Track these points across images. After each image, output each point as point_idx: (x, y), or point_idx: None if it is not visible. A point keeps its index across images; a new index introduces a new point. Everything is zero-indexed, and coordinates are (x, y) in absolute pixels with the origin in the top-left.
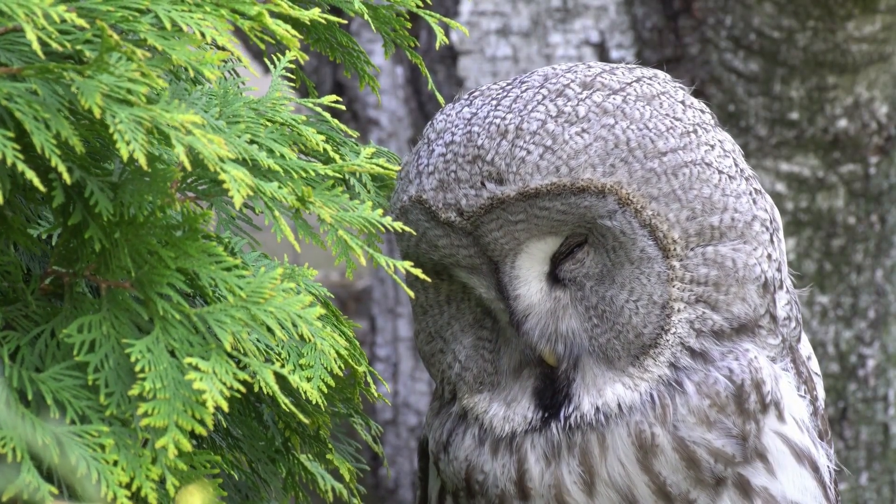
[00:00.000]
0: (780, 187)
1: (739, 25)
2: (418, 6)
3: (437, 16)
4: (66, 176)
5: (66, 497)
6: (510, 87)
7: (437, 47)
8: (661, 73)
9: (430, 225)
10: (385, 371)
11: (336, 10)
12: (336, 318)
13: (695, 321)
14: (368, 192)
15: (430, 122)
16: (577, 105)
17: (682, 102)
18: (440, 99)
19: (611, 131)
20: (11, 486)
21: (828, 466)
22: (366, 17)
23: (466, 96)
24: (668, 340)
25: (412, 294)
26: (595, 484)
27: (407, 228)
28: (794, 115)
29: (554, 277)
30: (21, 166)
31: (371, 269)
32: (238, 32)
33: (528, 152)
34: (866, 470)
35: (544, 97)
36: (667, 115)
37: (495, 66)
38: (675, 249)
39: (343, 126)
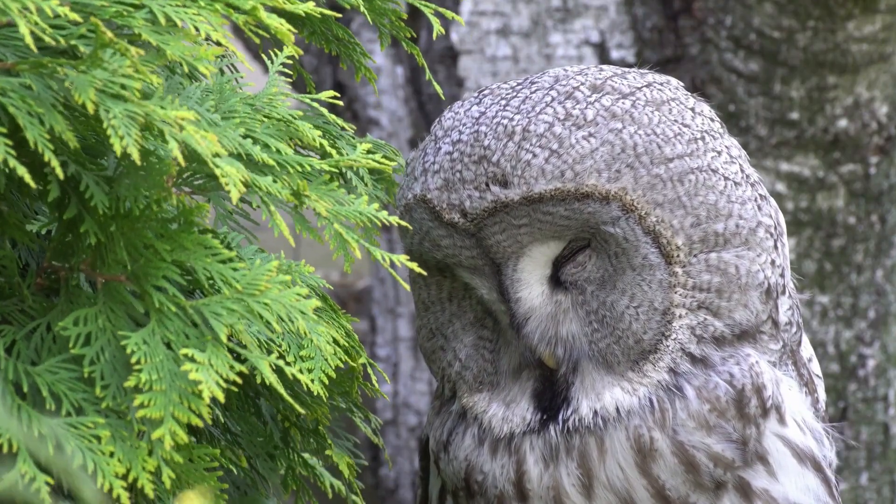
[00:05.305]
0: (780, 187)
1: (739, 25)
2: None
3: (433, 6)
4: (59, 171)
5: (62, 490)
6: (520, 86)
7: (434, 37)
8: (673, 80)
9: (434, 225)
10: (385, 371)
11: (335, 7)
12: (334, 311)
13: (696, 327)
14: (367, 186)
15: (438, 119)
16: (586, 108)
17: (692, 109)
18: (440, 93)
19: (618, 136)
20: (6, 477)
21: (832, 465)
22: (361, 8)
23: (476, 94)
24: (668, 346)
25: (408, 288)
26: (593, 487)
27: (403, 223)
28: (795, 115)
29: (555, 280)
30: (13, 163)
31: (371, 269)
32: (237, 30)
33: (534, 155)
34: (866, 470)
35: (553, 99)
36: (675, 121)
37: (495, 66)
38: (678, 256)
39: (338, 119)
